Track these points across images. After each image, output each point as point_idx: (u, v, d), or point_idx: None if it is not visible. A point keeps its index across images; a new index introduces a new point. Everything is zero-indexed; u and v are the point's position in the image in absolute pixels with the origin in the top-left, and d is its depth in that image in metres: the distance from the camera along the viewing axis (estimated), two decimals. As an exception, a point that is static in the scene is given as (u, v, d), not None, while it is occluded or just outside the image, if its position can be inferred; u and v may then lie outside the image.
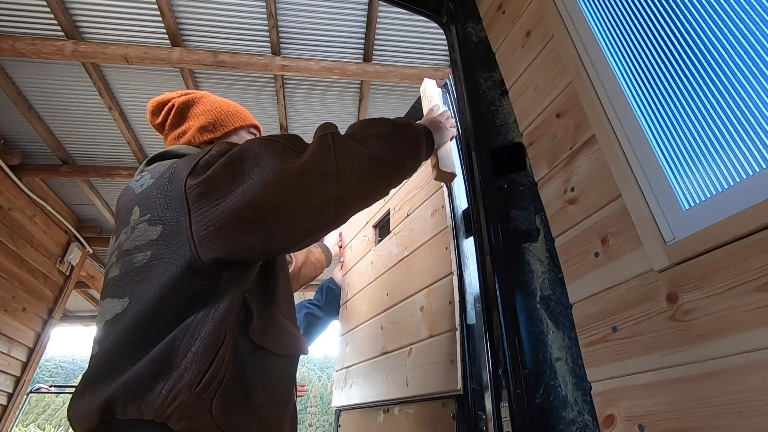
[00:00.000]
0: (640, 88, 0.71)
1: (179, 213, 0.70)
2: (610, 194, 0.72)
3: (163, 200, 0.72)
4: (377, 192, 0.83)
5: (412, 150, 0.89)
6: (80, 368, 36.94)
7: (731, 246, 0.52)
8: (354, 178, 0.75)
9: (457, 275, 1.02)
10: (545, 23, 0.93)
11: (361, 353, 1.41)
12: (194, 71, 2.87)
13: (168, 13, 2.49)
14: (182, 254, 0.68)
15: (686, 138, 0.62)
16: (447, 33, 1.29)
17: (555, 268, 0.84)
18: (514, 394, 0.77)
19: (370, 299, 1.44)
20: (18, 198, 3.46)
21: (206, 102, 1.03)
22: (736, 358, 0.50)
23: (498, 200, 0.96)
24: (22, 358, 3.66)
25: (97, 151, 3.47)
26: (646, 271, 0.64)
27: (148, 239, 0.71)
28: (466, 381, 0.91)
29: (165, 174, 0.77)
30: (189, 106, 1.01)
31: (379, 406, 1.24)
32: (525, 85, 1.00)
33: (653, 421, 0.58)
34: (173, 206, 0.71)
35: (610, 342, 0.67)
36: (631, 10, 0.74)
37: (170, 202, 0.72)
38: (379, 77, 2.85)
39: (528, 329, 0.83)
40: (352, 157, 0.76)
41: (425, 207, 1.23)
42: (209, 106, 1.02)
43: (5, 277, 3.38)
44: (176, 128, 1.00)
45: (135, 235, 0.73)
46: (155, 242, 0.70)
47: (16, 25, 2.54)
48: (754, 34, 0.55)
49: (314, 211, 0.72)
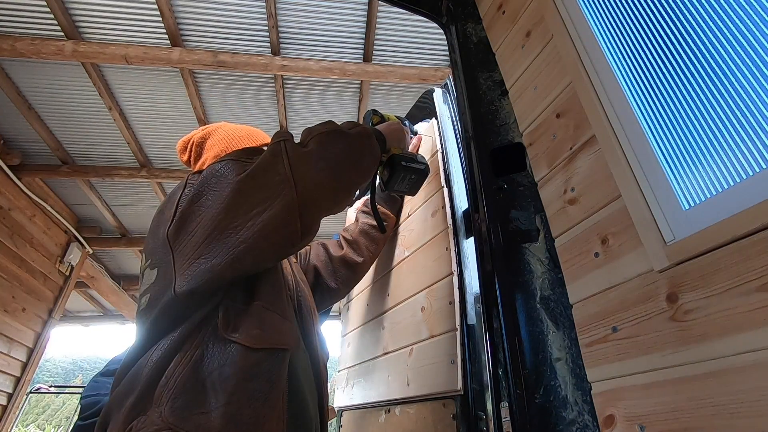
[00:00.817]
0: (640, 88, 0.71)
1: (167, 254, 0.75)
2: (610, 194, 0.72)
3: (158, 243, 0.78)
4: (340, 192, 0.82)
5: (366, 143, 0.90)
6: (80, 369, 36.95)
7: (731, 246, 0.52)
8: (312, 181, 0.75)
9: (458, 275, 1.02)
10: (545, 23, 0.93)
11: (363, 353, 1.41)
12: (194, 71, 2.87)
13: (168, 13, 2.49)
14: (168, 291, 0.72)
15: (686, 138, 0.62)
16: (447, 33, 1.29)
17: (555, 268, 0.84)
18: (514, 394, 0.77)
19: (372, 300, 1.44)
20: (18, 198, 3.46)
21: (220, 131, 1.06)
22: (736, 358, 0.50)
23: (498, 200, 0.96)
24: (22, 359, 3.67)
25: (97, 151, 3.47)
26: (646, 271, 0.64)
27: (149, 283, 0.77)
28: (467, 381, 0.91)
29: (156, 216, 0.83)
30: (206, 139, 1.06)
31: (381, 407, 1.24)
32: (525, 86, 1.00)
33: (653, 421, 0.58)
34: (163, 248, 0.76)
35: (610, 342, 0.68)
36: (631, 10, 0.74)
37: (159, 244, 0.77)
38: (379, 77, 2.85)
39: (528, 329, 0.83)
40: (305, 161, 0.76)
41: (425, 207, 1.24)
42: (222, 135, 1.05)
43: (5, 277, 3.38)
44: (197, 161, 1.05)
45: (144, 281, 0.80)
46: (153, 284, 0.76)
47: (16, 25, 2.54)
48: (754, 34, 0.55)
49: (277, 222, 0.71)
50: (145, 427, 0.62)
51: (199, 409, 0.63)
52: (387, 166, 1.09)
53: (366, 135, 0.92)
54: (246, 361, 0.68)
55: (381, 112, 1.19)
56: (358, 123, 0.94)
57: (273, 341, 0.73)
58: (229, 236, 0.70)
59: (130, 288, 5.59)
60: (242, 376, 0.67)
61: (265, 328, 0.73)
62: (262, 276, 0.79)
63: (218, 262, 0.70)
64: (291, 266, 1.04)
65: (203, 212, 0.74)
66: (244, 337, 0.70)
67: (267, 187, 0.72)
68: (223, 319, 0.71)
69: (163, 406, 0.63)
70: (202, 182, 0.77)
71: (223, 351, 0.69)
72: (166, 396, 0.64)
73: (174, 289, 0.71)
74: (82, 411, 1.30)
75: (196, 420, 0.62)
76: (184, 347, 0.69)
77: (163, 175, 3.61)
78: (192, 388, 0.65)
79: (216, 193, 0.74)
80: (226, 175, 0.76)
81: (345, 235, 1.29)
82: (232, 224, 0.71)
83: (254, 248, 0.71)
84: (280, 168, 0.73)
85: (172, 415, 0.62)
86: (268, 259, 0.76)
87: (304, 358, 0.85)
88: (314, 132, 0.83)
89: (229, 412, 0.63)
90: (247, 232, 0.70)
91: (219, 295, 0.73)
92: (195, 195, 0.76)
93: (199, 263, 0.70)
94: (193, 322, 0.71)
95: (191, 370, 0.66)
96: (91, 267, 4.65)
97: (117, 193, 3.99)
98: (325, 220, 1.26)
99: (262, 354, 0.70)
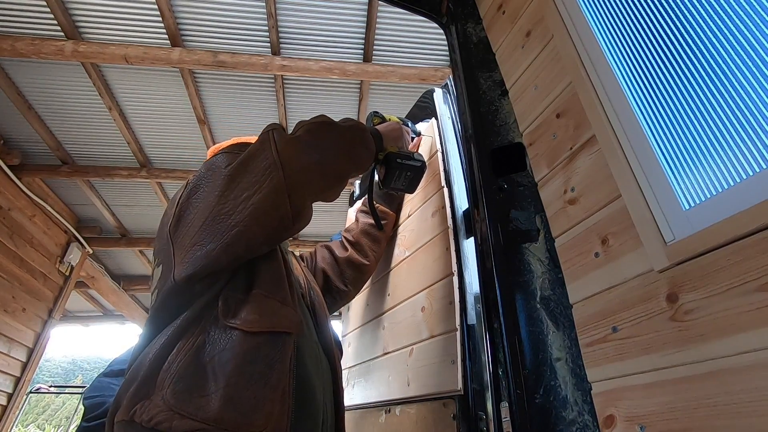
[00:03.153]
0: (640, 88, 0.71)
1: (169, 248, 0.78)
2: (610, 194, 0.72)
3: (162, 242, 0.81)
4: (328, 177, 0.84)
5: (357, 134, 0.93)
6: (80, 368, 36.94)
7: (731, 246, 0.52)
8: (299, 163, 0.77)
9: (458, 275, 1.02)
10: (545, 23, 0.93)
11: (363, 353, 1.41)
12: (194, 71, 2.87)
13: (168, 13, 2.49)
14: (169, 280, 0.75)
15: (686, 138, 0.62)
16: (447, 33, 1.29)
17: (555, 268, 0.84)
18: (514, 394, 0.77)
19: (372, 300, 1.44)
20: (18, 198, 3.46)
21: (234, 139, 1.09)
22: (736, 358, 0.50)
23: (498, 200, 0.96)
24: (22, 358, 3.67)
25: (97, 151, 3.47)
26: (646, 271, 0.64)
27: (157, 280, 0.80)
28: (467, 381, 0.91)
29: (162, 219, 0.87)
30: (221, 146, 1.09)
31: (381, 407, 1.24)
32: (525, 85, 1.00)
33: (653, 421, 0.58)
34: (166, 245, 0.79)
35: (610, 342, 0.68)
36: (631, 10, 0.74)
37: (163, 242, 0.81)
38: (379, 77, 2.85)
39: (528, 329, 0.83)
40: (292, 145, 0.79)
41: (426, 207, 1.24)
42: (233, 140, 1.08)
43: (5, 277, 3.38)
44: None
45: (153, 280, 0.83)
46: (159, 280, 0.79)
47: (16, 25, 2.54)
48: (754, 34, 0.55)
49: (267, 204, 0.74)
50: (148, 411, 0.64)
51: (200, 392, 0.65)
52: (384, 164, 1.10)
53: (358, 128, 0.94)
54: (244, 346, 0.69)
55: (382, 114, 1.20)
56: (354, 119, 0.96)
57: (271, 324, 0.74)
58: (222, 221, 0.73)
59: (130, 288, 5.59)
60: (241, 359, 0.68)
61: (263, 314, 0.74)
62: (262, 267, 0.81)
63: (213, 247, 0.72)
64: (302, 269, 1.05)
65: (199, 203, 0.77)
66: (243, 322, 0.71)
67: (255, 171, 0.75)
68: (224, 307, 0.73)
69: (165, 390, 0.65)
70: (198, 177, 0.81)
71: (223, 337, 0.70)
72: (168, 381, 0.66)
73: (173, 276, 0.74)
74: (87, 412, 1.29)
75: (196, 403, 0.64)
76: (186, 335, 0.71)
77: (163, 175, 3.61)
78: (193, 373, 0.67)
79: (210, 184, 0.78)
80: (219, 165, 0.80)
81: (347, 236, 1.29)
82: (225, 210, 0.73)
83: (246, 232, 0.73)
84: (268, 153, 0.76)
85: (173, 399, 0.64)
86: (261, 242, 0.77)
87: (313, 349, 0.86)
88: (304, 122, 0.87)
89: (228, 395, 0.65)
90: (239, 216, 0.73)
91: (220, 284, 0.75)
92: (192, 189, 0.80)
93: (194, 250, 0.73)
94: (195, 310, 0.73)
95: (193, 356, 0.68)
96: (91, 267, 4.65)
97: (117, 193, 3.99)
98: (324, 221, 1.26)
99: (261, 338, 0.72)
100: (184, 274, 0.72)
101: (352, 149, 0.91)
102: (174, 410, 0.63)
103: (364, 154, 0.95)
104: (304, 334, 0.83)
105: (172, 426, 0.62)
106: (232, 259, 0.74)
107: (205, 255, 0.72)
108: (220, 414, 0.63)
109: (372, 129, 1.03)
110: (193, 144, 3.40)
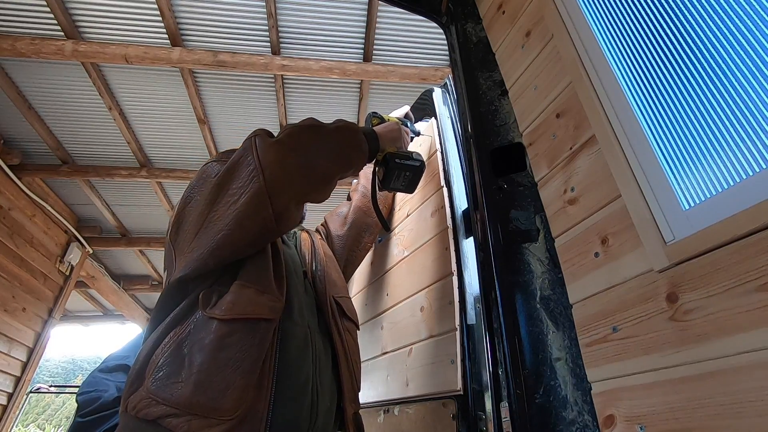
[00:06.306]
0: (640, 88, 0.71)
1: (171, 255, 0.83)
2: (610, 194, 0.72)
3: (167, 250, 0.86)
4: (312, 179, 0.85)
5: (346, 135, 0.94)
6: (80, 368, 36.93)
7: (731, 246, 0.52)
8: (279, 167, 0.79)
9: (457, 275, 1.02)
10: (545, 23, 0.93)
11: (362, 353, 1.41)
12: (194, 71, 2.87)
13: (168, 12, 2.49)
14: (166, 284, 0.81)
15: (686, 138, 0.62)
16: (447, 33, 1.29)
17: (555, 268, 0.84)
18: (514, 394, 0.77)
19: (371, 299, 1.44)
20: (18, 198, 3.46)
21: None
22: (736, 358, 0.50)
23: (498, 200, 0.96)
24: (22, 358, 3.66)
25: (97, 151, 3.47)
26: (646, 271, 0.64)
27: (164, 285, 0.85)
28: (466, 381, 0.91)
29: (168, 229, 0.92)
30: None
31: (380, 406, 1.24)
32: (525, 85, 1.00)
33: (653, 421, 0.58)
34: (169, 252, 0.85)
35: (610, 342, 0.67)
36: (631, 10, 0.74)
37: (167, 250, 0.86)
38: (379, 77, 2.85)
39: (528, 329, 0.83)
40: (273, 149, 0.80)
41: (425, 207, 1.23)
42: None
43: (5, 277, 3.38)
44: None
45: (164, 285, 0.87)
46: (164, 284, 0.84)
47: (16, 25, 2.54)
48: (754, 34, 0.55)
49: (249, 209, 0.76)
50: (134, 401, 0.69)
51: (175, 379, 0.69)
52: (382, 165, 1.10)
53: (347, 129, 0.95)
54: (218, 333, 0.72)
55: (381, 115, 1.20)
56: (345, 120, 0.97)
57: (244, 312, 0.75)
58: (211, 227, 0.77)
59: (130, 288, 5.59)
60: (214, 345, 0.71)
61: (237, 301, 0.76)
62: (247, 259, 0.83)
63: (202, 251, 0.77)
64: (312, 245, 1.07)
65: (193, 212, 0.82)
66: (219, 311, 0.74)
67: (241, 177, 0.78)
68: (204, 300, 0.76)
69: (148, 380, 0.70)
70: (191, 188, 0.86)
71: (204, 328, 0.73)
72: (152, 371, 0.71)
73: (170, 279, 0.79)
74: (81, 408, 1.28)
75: (171, 389, 0.68)
76: (175, 329, 0.75)
77: (163, 175, 3.60)
78: (172, 362, 0.70)
79: (202, 193, 0.83)
80: (209, 174, 0.85)
81: None
82: (214, 216, 0.78)
83: (231, 236, 0.76)
84: (250, 159, 0.79)
85: (153, 386, 0.69)
86: (245, 245, 0.80)
87: (304, 332, 0.85)
88: (289, 126, 0.88)
89: (200, 380, 0.68)
90: (224, 221, 0.76)
91: (209, 282, 0.79)
92: (186, 199, 0.85)
93: (188, 256, 0.78)
94: (183, 307, 0.77)
95: (175, 347, 0.72)
96: (91, 267, 4.65)
97: (117, 192, 3.98)
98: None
99: (234, 325, 0.74)
100: (178, 276, 0.77)
101: (339, 150, 0.91)
102: (152, 397, 0.67)
103: (354, 155, 0.95)
104: (292, 320, 0.84)
105: (149, 412, 0.66)
106: (218, 262, 0.78)
107: (196, 259, 0.77)
108: (190, 399, 0.66)
109: (368, 129, 1.04)
110: (193, 144, 3.39)
